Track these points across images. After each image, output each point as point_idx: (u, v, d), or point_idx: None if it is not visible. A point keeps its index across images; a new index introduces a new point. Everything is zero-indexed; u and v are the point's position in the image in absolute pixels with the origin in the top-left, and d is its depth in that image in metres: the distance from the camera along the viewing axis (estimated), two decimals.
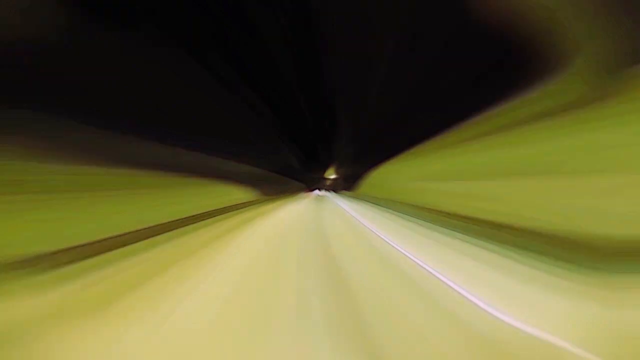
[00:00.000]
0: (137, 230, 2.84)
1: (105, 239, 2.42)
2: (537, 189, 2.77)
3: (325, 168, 18.75)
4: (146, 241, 2.75)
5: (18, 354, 1.07)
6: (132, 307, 1.45)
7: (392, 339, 1.36)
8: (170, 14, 2.42)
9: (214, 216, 4.60)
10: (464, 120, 3.44)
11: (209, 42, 2.95)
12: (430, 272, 2.13)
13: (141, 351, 1.10)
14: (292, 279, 1.94)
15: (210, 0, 2.57)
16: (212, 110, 3.94)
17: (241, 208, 6.07)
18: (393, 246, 2.95)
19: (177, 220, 3.72)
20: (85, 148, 2.18)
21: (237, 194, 6.89)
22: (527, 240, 2.92)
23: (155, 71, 2.62)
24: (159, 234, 3.02)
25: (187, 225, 3.68)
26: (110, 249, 2.32)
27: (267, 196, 9.02)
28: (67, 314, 1.33)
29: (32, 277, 1.67)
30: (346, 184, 17.14)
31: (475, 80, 3.06)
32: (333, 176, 19.27)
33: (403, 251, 2.68)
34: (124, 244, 2.49)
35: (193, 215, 4.09)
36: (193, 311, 1.53)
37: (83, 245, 2.21)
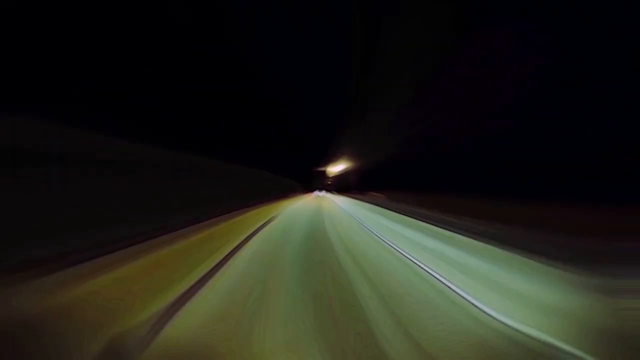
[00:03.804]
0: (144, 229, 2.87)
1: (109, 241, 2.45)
2: None
3: (325, 169, 18.75)
4: (156, 239, 2.80)
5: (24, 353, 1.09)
6: (135, 304, 1.47)
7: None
8: None
9: (215, 216, 4.64)
10: None
11: None
12: (426, 270, 2.16)
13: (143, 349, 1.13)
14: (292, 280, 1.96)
15: None
16: None
17: (244, 207, 6.11)
18: (395, 247, 2.96)
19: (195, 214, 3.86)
20: None
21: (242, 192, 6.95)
22: (526, 240, 2.95)
23: None
24: (166, 233, 3.05)
25: (195, 223, 3.72)
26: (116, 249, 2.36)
27: (269, 196, 9.06)
28: (72, 314, 1.35)
29: (38, 279, 1.69)
30: (346, 185, 17.14)
31: None
32: (333, 175, 19.22)
33: (404, 253, 2.69)
34: (132, 243, 2.52)
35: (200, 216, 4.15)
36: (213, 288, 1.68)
37: (88, 249, 2.24)
